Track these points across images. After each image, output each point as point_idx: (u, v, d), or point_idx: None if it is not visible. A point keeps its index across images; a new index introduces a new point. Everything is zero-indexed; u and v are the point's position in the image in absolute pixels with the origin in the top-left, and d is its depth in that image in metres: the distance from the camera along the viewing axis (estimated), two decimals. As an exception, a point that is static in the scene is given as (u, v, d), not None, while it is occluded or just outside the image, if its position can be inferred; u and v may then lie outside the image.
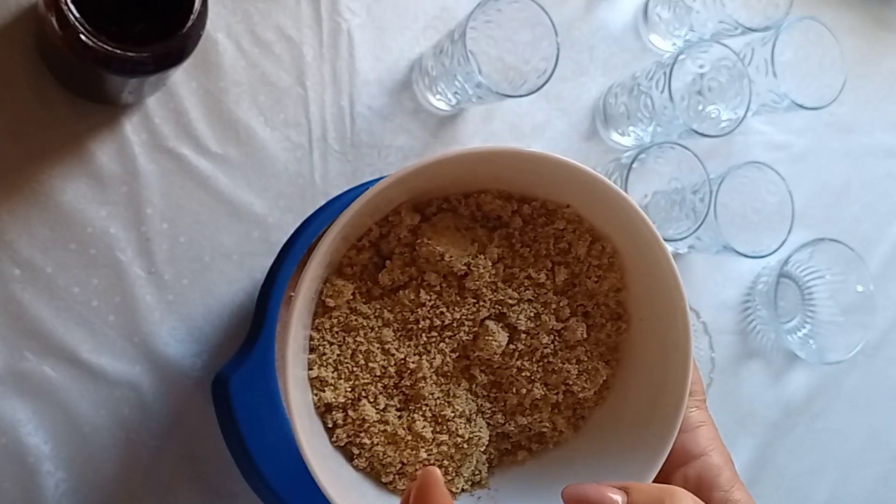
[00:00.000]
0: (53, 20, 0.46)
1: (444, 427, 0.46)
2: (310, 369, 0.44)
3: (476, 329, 0.46)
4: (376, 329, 0.45)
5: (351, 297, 0.45)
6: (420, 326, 0.45)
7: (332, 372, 0.44)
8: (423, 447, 0.45)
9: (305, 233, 0.52)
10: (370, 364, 0.45)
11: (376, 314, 0.45)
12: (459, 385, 0.47)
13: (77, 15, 0.46)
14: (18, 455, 0.54)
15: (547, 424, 0.48)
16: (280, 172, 0.61)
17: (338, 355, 0.44)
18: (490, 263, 0.46)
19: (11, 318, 0.54)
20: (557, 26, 0.58)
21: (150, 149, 0.58)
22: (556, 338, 0.47)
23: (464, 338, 0.46)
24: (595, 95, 0.71)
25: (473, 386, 0.47)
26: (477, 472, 0.47)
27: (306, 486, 0.51)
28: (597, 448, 0.47)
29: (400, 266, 0.46)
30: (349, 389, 0.44)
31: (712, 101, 0.68)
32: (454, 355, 0.46)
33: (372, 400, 0.45)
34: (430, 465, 0.45)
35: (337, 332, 0.45)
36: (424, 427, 0.45)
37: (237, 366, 0.49)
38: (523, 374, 0.47)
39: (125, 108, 0.57)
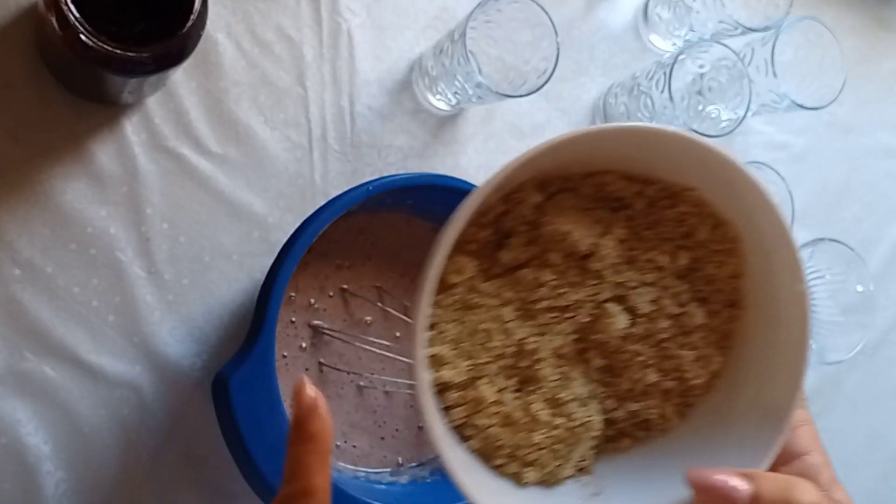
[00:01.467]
0: (53, 20, 0.46)
1: (561, 410, 0.45)
2: (429, 346, 0.43)
3: (596, 311, 0.45)
4: (496, 308, 0.44)
5: (471, 275, 0.44)
6: (540, 307, 0.44)
7: (451, 350, 0.43)
8: (538, 430, 0.44)
9: (305, 233, 0.52)
10: (489, 343, 0.44)
11: (496, 293, 0.44)
12: (576, 368, 0.46)
13: (77, 15, 0.46)
14: (18, 455, 0.54)
15: (655, 411, 0.47)
16: (280, 172, 0.61)
17: (457, 333, 0.43)
18: (614, 244, 0.45)
19: (11, 318, 0.54)
20: (557, 26, 0.58)
21: (150, 149, 0.58)
22: (674, 323, 0.46)
23: (583, 320, 0.45)
24: (595, 95, 0.71)
25: (588, 370, 0.46)
26: (583, 458, 0.46)
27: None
28: (703, 437, 0.46)
29: (521, 244, 0.45)
30: (468, 368, 0.43)
31: (712, 101, 0.68)
32: (572, 337, 0.45)
33: (490, 380, 0.44)
34: (544, 448, 0.44)
35: (457, 310, 0.44)
36: (541, 410, 0.44)
37: (237, 366, 0.49)
38: (638, 358, 0.46)
39: (125, 108, 0.57)
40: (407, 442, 0.61)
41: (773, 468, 0.43)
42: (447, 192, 0.58)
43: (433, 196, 0.59)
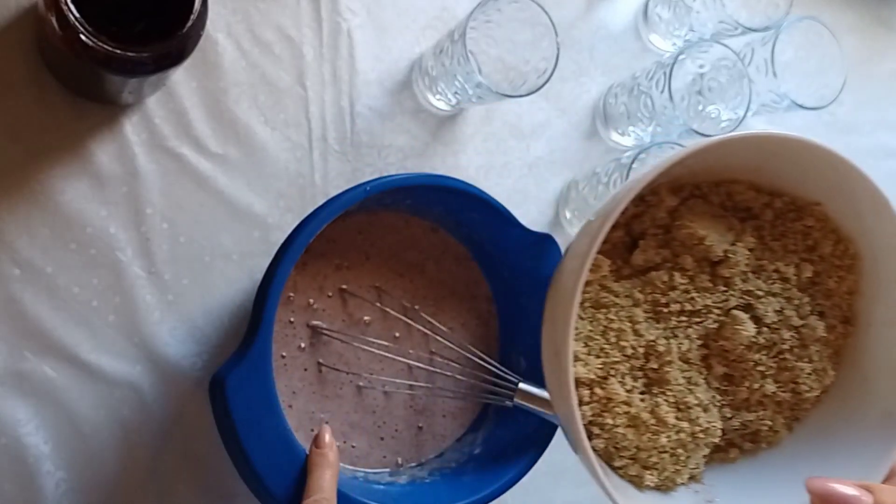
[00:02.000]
0: (53, 20, 0.46)
1: (686, 415, 0.45)
2: None
3: (723, 318, 0.46)
4: (627, 308, 0.45)
5: (604, 273, 0.44)
6: (670, 310, 0.45)
7: (583, 347, 0.43)
8: (663, 433, 0.44)
9: (303, 233, 0.52)
10: (621, 342, 0.44)
11: (627, 293, 0.45)
12: (699, 374, 0.46)
13: (77, 15, 0.46)
14: (18, 455, 0.54)
15: (768, 422, 0.47)
16: (280, 172, 0.61)
17: (589, 331, 0.44)
18: (747, 252, 0.45)
19: (11, 318, 0.54)
20: (557, 26, 0.58)
21: (150, 149, 0.58)
22: (795, 334, 0.47)
23: (710, 326, 0.46)
24: (595, 95, 0.71)
25: (709, 377, 0.47)
26: (696, 466, 0.47)
27: (303, 485, 0.51)
28: (811, 449, 0.47)
29: (654, 247, 0.46)
30: (599, 366, 0.44)
31: (712, 101, 0.68)
32: (698, 343, 0.46)
33: (620, 379, 0.44)
34: (665, 452, 0.44)
35: (588, 308, 0.44)
36: (668, 413, 0.44)
37: (234, 366, 0.49)
38: (758, 368, 0.46)
39: (125, 108, 0.57)
40: (406, 442, 0.61)
41: (885, 482, 0.44)
42: (446, 193, 0.58)
43: (432, 196, 0.59)
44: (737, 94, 0.65)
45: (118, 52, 0.47)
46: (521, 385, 0.58)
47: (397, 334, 0.61)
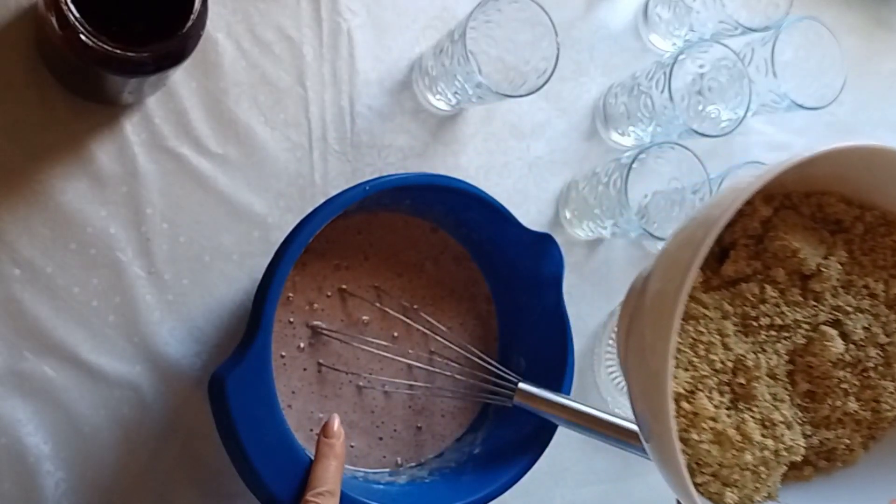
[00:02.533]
0: (53, 20, 0.46)
1: (771, 432, 0.44)
2: None
3: (811, 333, 0.45)
4: (717, 320, 0.44)
5: (694, 284, 0.43)
6: (760, 324, 0.44)
7: (672, 359, 0.42)
8: (748, 450, 0.43)
9: (302, 233, 0.52)
10: (710, 356, 0.43)
11: (716, 305, 0.44)
12: (784, 390, 0.45)
13: (77, 15, 0.46)
14: (18, 455, 0.54)
15: (846, 440, 0.47)
16: (280, 172, 0.61)
17: (678, 343, 0.42)
18: (839, 266, 0.45)
19: (11, 318, 0.54)
20: (557, 26, 0.58)
21: (150, 149, 0.58)
22: (880, 352, 0.46)
23: (798, 341, 0.45)
24: (595, 95, 0.71)
25: (793, 393, 0.46)
26: (774, 484, 0.46)
27: (303, 485, 0.51)
28: (887, 469, 0.46)
29: (745, 258, 0.45)
30: (688, 380, 0.43)
31: (712, 101, 0.68)
32: (786, 358, 0.45)
33: (708, 394, 0.43)
34: (747, 470, 0.43)
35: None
36: (754, 429, 0.43)
37: (233, 365, 0.49)
38: (842, 385, 0.46)
39: (125, 108, 0.57)
40: (405, 442, 0.61)
41: None
42: (445, 192, 0.58)
43: (431, 196, 0.59)
44: (737, 94, 0.65)
45: (118, 52, 0.47)
46: (521, 385, 0.58)
47: (396, 334, 0.61)
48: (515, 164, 0.69)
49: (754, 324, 0.44)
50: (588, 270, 0.71)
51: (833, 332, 0.45)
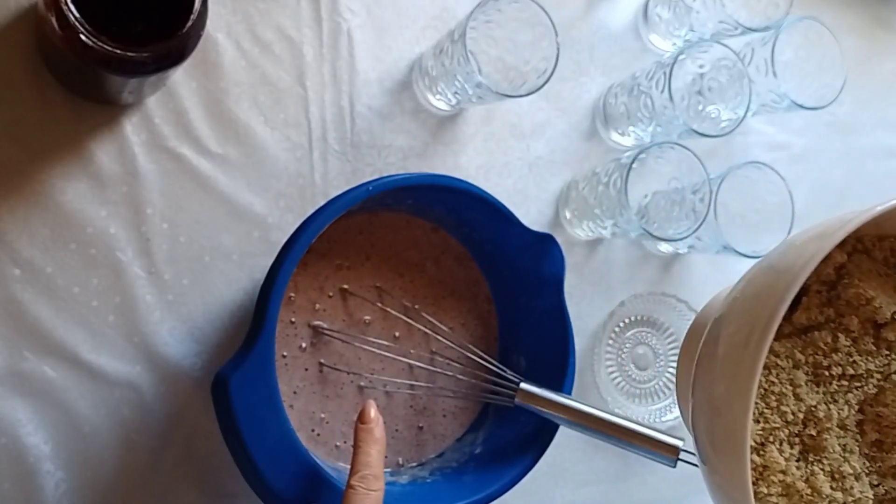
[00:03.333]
0: (53, 20, 0.46)
1: (840, 484, 0.43)
2: None
3: (882, 383, 0.44)
4: (788, 370, 0.43)
5: None
6: (832, 373, 0.43)
7: (750, 422, 0.41)
8: (817, 503, 0.42)
9: (304, 233, 0.52)
10: (782, 407, 0.42)
11: (788, 354, 0.43)
12: (853, 441, 0.45)
13: (77, 15, 0.46)
14: (18, 455, 0.54)
15: None
16: (280, 172, 0.61)
17: None
18: None
19: (11, 318, 0.54)
20: (557, 26, 0.58)
21: (150, 149, 0.58)
22: None
23: (869, 391, 0.44)
24: (595, 95, 0.71)
25: (862, 443, 0.45)
26: None
27: (305, 485, 0.51)
28: None
29: (818, 305, 0.44)
30: (759, 432, 0.42)
31: (712, 101, 0.68)
32: (856, 408, 0.44)
33: (778, 446, 0.42)
34: None
35: None
36: (823, 482, 0.42)
37: (237, 366, 0.49)
38: None
39: (125, 108, 0.57)
40: (407, 442, 0.61)
41: None
42: (447, 192, 0.58)
43: (433, 196, 0.59)
44: (737, 94, 0.65)
45: (118, 52, 0.47)
46: (523, 385, 0.58)
47: (398, 334, 0.61)
48: (515, 164, 0.69)
49: (826, 373, 0.43)
50: (588, 270, 0.71)
51: None
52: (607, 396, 0.70)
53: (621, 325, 0.72)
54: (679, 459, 0.55)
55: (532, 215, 0.69)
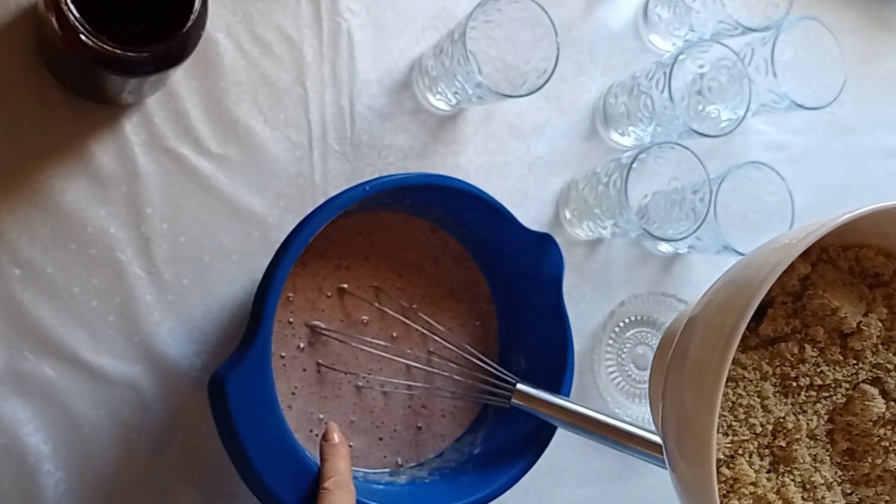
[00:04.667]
0: (53, 20, 0.46)
1: (812, 494, 0.43)
2: None
3: (851, 392, 0.44)
4: (756, 382, 0.43)
5: None
6: (799, 384, 0.43)
7: (714, 433, 0.41)
8: None
9: (302, 233, 0.52)
10: (750, 419, 0.42)
11: (755, 366, 0.43)
12: (823, 450, 0.45)
13: (77, 15, 0.46)
14: (18, 455, 0.54)
15: (885, 497, 0.46)
16: (280, 172, 0.61)
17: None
18: (879, 324, 0.44)
19: (11, 318, 0.54)
20: (557, 26, 0.58)
21: (150, 149, 0.58)
22: None
23: (838, 400, 0.44)
24: (595, 95, 0.71)
25: (833, 453, 0.45)
26: None
27: (301, 485, 0.51)
28: None
29: (783, 316, 0.44)
30: (728, 444, 0.42)
31: (712, 101, 0.68)
32: (825, 418, 0.44)
33: (748, 458, 0.42)
34: None
35: None
36: (794, 493, 0.42)
37: (233, 366, 0.49)
38: (882, 443, 0.45)
39: (125, 108, 0.57)
40: (405, 442, 0.61)
41: None
42: (445, 192, 0.58)
43: (431, 196, 0.59)
44: (737, 94, 0.65)
45: (118, 52, 0.47)
46: (519, 385, 0.58)
47: (395, 334, 0.61)
48: (515, 164, 0.69)
49: (794, 384, 0.43)
50: (588, 270, 0.71)
51: (874, 390, 0.44)
52: (607, 396, 0.70)
53: (621, 325, 0.72)
54: None
55: (532, 215, 0.69)
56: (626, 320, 0.72)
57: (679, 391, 0.42)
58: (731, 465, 0.42)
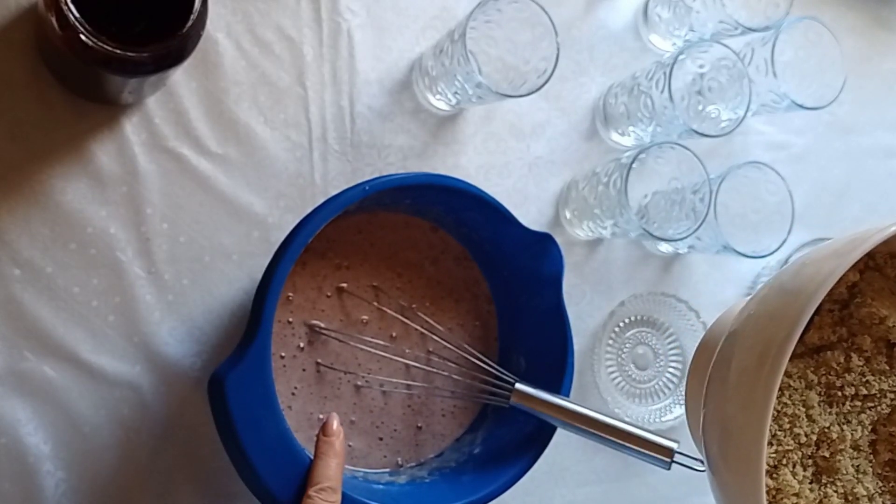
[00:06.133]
0: (53, 20, 0.46)
1: None
2: None
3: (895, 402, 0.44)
4: (801, 391, 0.42)
5: None
6: (844, 393, 0.43)
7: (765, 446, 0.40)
8: None
9: (301, 233, 0.52)
10: (795, 429, 0.42)
11: (800, 374, 0.43)
12: (866, 461, 0.44)
13: (77, 15, 0.46)
14: (18, 455, 0.54)
15: None
16: (280, 172, 0.61)
17: None
18: None
19: (11, 318, 0.54)
20: (557, 26, 0.58)
21: (150, 149, 0.58)
22: None
23: (882, 411, 0.44)
24: (595, 95, 0.71)
25: (875, 464, 0.45)
26: None
27: (303, 486, 0.51)
28: None
29: (830, 324, 0.44)
30: (772, 454, 0.41)
31: (712, 101, 0.68)
32: (869, 428, 0.44)
33: (791, 468, 0.42)
34: None
35: None
36: None
37: (233, 365, 0.49)
38: None
39: (125, 108, 0.57)
40: (405, 442, 0.61)
41: None
42: (445, 192, 0.58)
43: (431, 196, 0.59)
44: (737, 94, 0.65)
45: (118, 52, 0.47)
46: (518, 385, 0.58)
47: (395, 334, 0.61)
48: (515, 164, 0.69)
49: (839, 394, 0.43)
50: (588, 270, 0.71)
51: None
52: (607, 396, 0.70)
53: (621, 325, 0.72)
54: (673, 462, 0.55)
55: (532, 215, 0.69)
56: (626, 320, 0.72)
57: (723, 400, 0.41)
58: (775, 476, 0.41)
